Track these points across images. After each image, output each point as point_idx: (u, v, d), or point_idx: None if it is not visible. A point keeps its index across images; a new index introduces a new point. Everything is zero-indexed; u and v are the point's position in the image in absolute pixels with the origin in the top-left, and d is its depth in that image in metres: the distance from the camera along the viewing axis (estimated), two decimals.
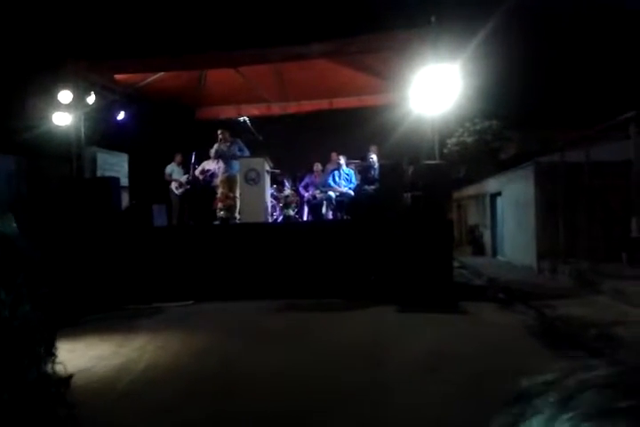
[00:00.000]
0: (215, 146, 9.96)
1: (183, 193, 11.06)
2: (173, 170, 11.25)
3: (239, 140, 10.01)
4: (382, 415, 3.56)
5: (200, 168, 10.83)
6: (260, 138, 10.13)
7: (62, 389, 0.53)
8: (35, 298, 0.52)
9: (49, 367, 0.52)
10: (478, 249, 14.78)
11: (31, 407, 0.49)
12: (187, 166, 11.10)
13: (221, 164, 10.17)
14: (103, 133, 10.63)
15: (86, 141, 9.65)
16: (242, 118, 10.34)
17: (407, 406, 3.67)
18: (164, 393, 3.91)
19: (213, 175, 10.71)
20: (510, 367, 4.38)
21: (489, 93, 16.02)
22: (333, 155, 11.02)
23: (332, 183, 10.40)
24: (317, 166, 11.35)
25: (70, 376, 0.55)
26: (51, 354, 0.53)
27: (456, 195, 16.60)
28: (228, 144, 9.95)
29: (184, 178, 11.08)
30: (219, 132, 9.93)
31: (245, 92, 11.26)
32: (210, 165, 10.81)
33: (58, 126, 9.47)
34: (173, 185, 11.12)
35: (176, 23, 8.08)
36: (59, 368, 0.54)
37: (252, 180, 9.24)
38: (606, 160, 8.88)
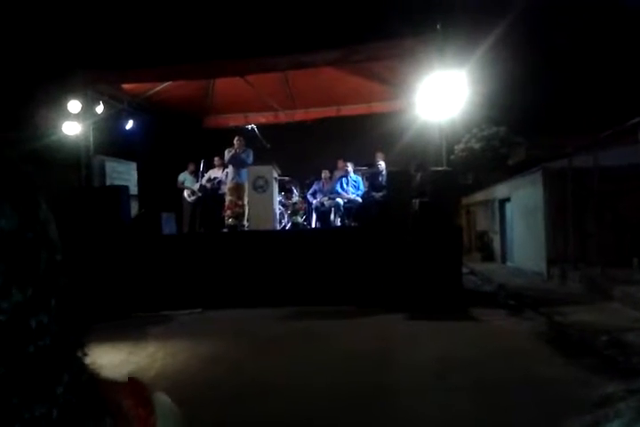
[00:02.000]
0: (228, 151, 9.97)
1: (195, 201, 11.12)
2: (186, 178, 11.34)
3: (250, 150, 10.04)
4: (388, 421, 3.55)
5: (206, 177, 10.89)
6: (268, 146, 10.15)
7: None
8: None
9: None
10: (487, 255, 14.70)
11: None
12: (198, 175, 11.18)
13: (228, 171, 10.20)
14: (112, 142, 10.71)
15: (95, 150, 9.71)
16: (249, 126, 10.38)
17: (413, 413, 3.65)
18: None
19: (220, 183, 10.76)
20: (522, 374, 4.35)
21: (496, 100, 16.01)
22: (340, 162, 11.02)
23: (339, 190, 10.41)
24: (325, 173, 11.36)
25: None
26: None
27: (465, 201, 16.56)
28: (240, 151, 9.97)
29: (196, 186, 11.15)
30: (235, 138, 9.97)
31: (253, 101, 11.30)
32: (215, 172, 10.87)
33: (67, 136, 9.56)
34: (186, 193, 11.20)
35: (183, 32, 8.15)
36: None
37: (261, 187, 9.27)
38: (615, 165, 8.82)
